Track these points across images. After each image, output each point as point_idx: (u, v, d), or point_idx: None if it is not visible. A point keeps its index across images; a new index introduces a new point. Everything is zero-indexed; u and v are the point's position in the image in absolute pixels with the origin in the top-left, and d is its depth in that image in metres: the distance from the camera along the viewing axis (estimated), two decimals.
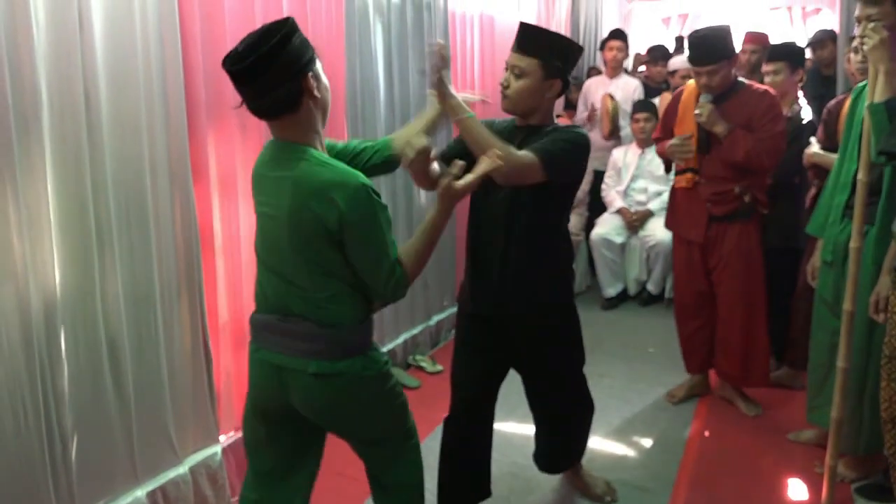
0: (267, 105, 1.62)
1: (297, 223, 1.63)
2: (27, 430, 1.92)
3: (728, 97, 3.01)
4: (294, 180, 1.62)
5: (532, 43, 2.06)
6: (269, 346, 1.74)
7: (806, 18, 8.78)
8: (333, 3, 3.09)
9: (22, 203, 1.88)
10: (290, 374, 1.71)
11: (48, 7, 1.95)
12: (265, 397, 1.79)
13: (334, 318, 1.69)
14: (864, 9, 2.37)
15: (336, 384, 1.70)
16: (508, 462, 2.86)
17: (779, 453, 2.96)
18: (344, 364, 1.69)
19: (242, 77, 1.57)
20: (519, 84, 2.08)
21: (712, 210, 3.11)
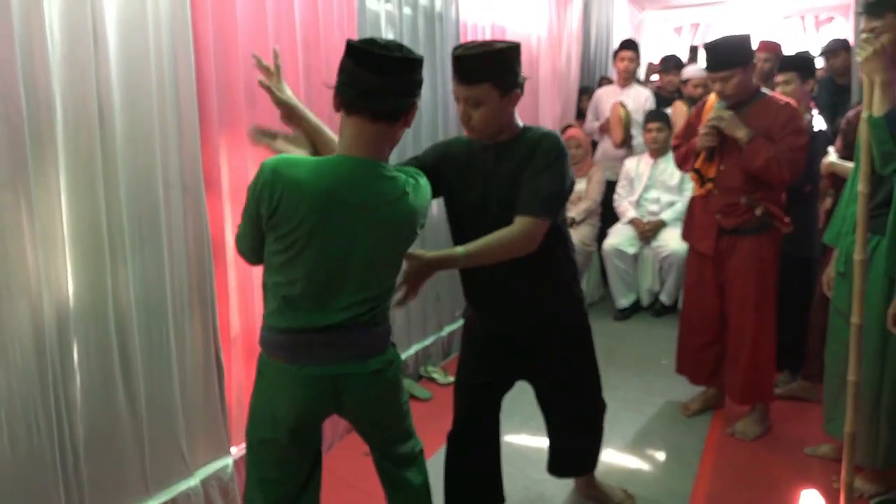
0: (386, 104, 1.65)
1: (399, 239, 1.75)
2: (39, 441, 1.92)
3: (747, 106, 2.97)
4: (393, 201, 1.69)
5: (474, 70, 1.93)
6: (320, 360, 1.72)
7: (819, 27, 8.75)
8: (346, 16, 3.10)
9: (36, 215, 1.89)
10: (347, 379, 1.74)
11: (63, 21, 1.96)
12: (312, 413, 1.78)
13: (384, 314, 1.80)
14: (867, 21, 2.38)
15: (387, 374, 1.81)
16: (522, 476, 2.84)
17: (796, 468, 2.92)
18: (389, 353, 1.82)
19: (401, 66, 1.64)
20: (479, 112, 1.97)
21: (722, 222, 3.07)
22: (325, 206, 1.63)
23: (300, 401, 1.74)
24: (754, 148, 2.89)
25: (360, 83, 1.63)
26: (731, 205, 3.03)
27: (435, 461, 2.93)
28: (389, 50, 1.62)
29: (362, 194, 1.66)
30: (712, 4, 8.12)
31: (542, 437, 2.88)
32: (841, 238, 2.65)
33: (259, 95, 2.58)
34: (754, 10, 8.31)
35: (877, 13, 2.36)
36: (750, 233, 3.03)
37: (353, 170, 1.67)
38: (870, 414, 2.53)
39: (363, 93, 1.64)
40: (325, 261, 1.68)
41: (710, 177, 3.08)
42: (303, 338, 1.72)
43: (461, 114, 2.01)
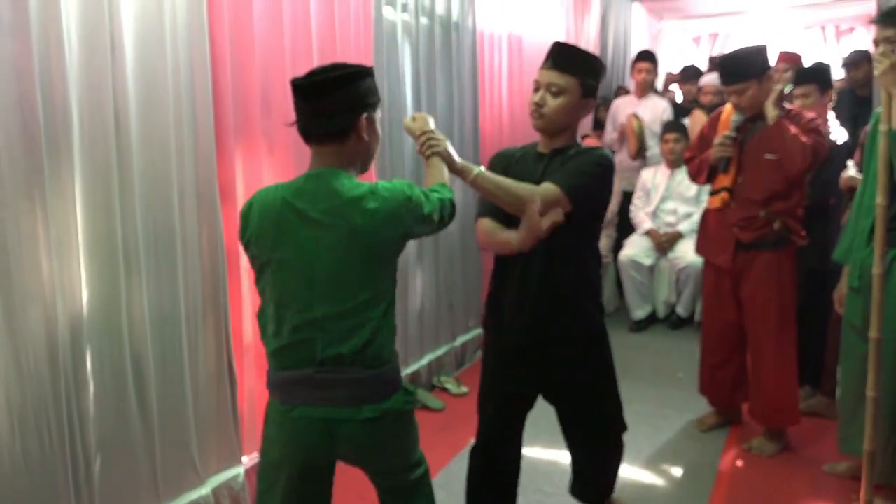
0: (318, 127, 1.66)
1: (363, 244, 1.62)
2: (51, 449, 1.93)
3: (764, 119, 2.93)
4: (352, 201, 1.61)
5: (570, 61, 2.03)
6: (311, 401, 1.65)
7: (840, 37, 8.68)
8: (362, 25, 3.10)
9: (51, 223, 1.90)
10: (340, 424, 1.65)
11: (80, 29, 1.98)
12: (311, 456, 1.69)
13: (379, 354, 1.66)
14: (881, 31, 2.34)
15: (384, 424, 1.68)
16: (534, 489, 2.81)
17: (814, 485, 2.87)
18: (388, 403, 1.68)
19: (309, 91, 1.63)
20: (557, 102, 2.03)
21: (740, 236, 3.01)
22: (279, 217, 1.64)
23: (297, 444, 1.68)
24: (781, 126, 2.85)
25: (299, 112, 1.67)
26: (749, 218, 2.98)
27: (447, 473, 2.93)
28: (312, 75, 1.64)
29: (318, 200, 1.63)
30: (731, 15, 8.07)
31: (554, 450, 2.85)
32: (853, 253, 2.61)
33: (274, 105, 2.60)
34: (774, 20, 8.25)
35: (892, 22, 2.32)
36: (768, 247, 2.99)
37: (307, 181, 1.67)
38: (888, 431, 2.49)
39: (302, 121, 1.67)
40: (291, 277, 1.64)
41: (726, 186, 3.03)
42: (291, 376, 1.67)
43: (537, 100, 2.05)
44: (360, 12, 3.09)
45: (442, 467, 2.99)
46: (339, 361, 1.63)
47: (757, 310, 3.03)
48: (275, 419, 1.72)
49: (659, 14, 8.07)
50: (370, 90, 1.69)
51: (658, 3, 7.50)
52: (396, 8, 3.48)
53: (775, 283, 2.99)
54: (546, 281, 2.09)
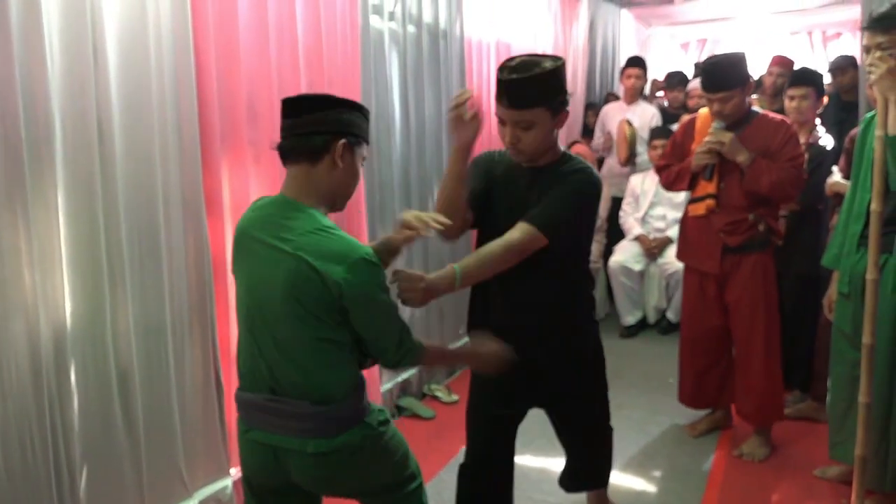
0: (293, 144, 1.64)
1: (298, 290, 1.56)
2: (35, 464, 1.90)
3: (742, 126, 2.93)
4: (295, 246, 1.56)
5: (529, 96, 1.86)
6: (262, 426, 1.66)
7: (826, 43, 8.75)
8: (349, 33, 3.10)
9: (34, 234, 1.88)
10: (288, 453, 1.64)
11: (62, 37, 1.96)
12: (263, 477, 1.71)
13: (327, 391, 1.62)
14: (872, 37, 2.33)
15: (335, 459, 1.64)
16: (525, 497, 2.79)
17: (804, 490, 2.87)
18: (341, 439, 1.63)
19: (291, 107, 1.63)
20: (531, 135, 1.91)
21: (727, 240, 3.00)
22: (240, 241, 1.69)
23: (248, 461, 1.72)
24: (756, 171, 2.86)
25: (282, 131, 1.67)
26: (736, 222, 2.98)
27: (437, 482, 2.91)
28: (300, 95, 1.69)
29: (264, 229, 1.62)
30: (719, 21, 8.11)
31: (544, 458, 2.84)
32: (842, 259, 2.61)
33: (261, 113, 2.59)
34: (761, 26, 8.30)
35: (884, 28, 2.31)
36: (755, 249, 2.99)
37: (270, 206, 1.67)
38: (879, 436, 2.48)
39: (283, 139, 1.66)
40: (242, 299, 1.68)
41: (711, 193, 3.02)
42: (246, 398, 1.69)
43: (509, 137, 1.92)
44: (347, 21, 3.08)
45: (433, 476, 2.97)
46: (284, 393, 1.63)
47: (745, 312, 3.04)
48: (239, 436, 1.75)
49: (647, 21, 8.10)
50: (355, 123, 1.66)
51: (646, 10, 7.53)
52: (383, 16, 3.48)
53: (762, 284, 3.01)
54: (529, 303, 2.05)
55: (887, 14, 2.33)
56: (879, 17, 2.35)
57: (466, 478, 2.26)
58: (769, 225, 2.98)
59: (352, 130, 1.66)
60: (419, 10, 3.75)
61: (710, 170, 3.00)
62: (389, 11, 3.53)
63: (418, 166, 3.80)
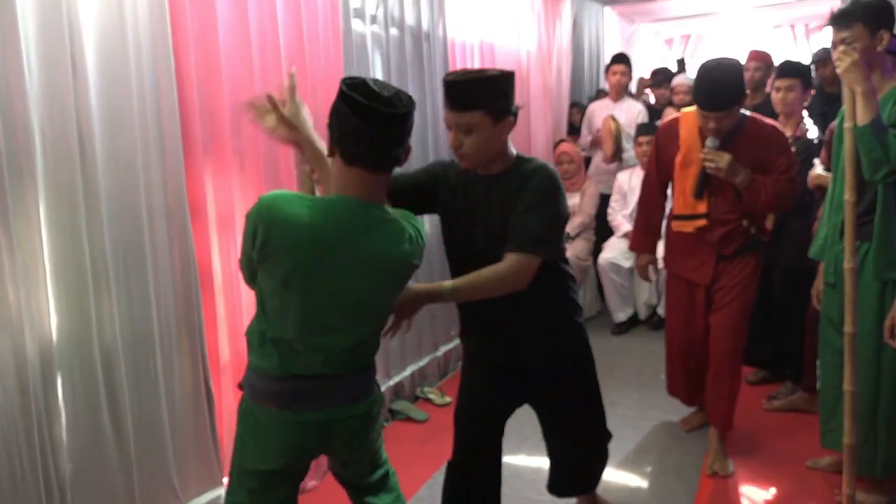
0: (394, 154, 1.66)
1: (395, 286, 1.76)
2: (24, 481, 1.89)
3: (734, 136, 2.78)
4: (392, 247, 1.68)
5: (468, 97, 1.90)
6: (315, 405, 1.72)
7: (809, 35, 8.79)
8: (331, 37, 3.09)
9: (16, 250, 1.87)
10: (339, 422, 1.76)
11: (40, 49, 1.95)
12: (304, 456, 1.80)
13: (368, 360, 1.81)
14: (837, 33, 2.38)
15: (372, 415, 1.82)
16: (519, 497, 2.79)
17: (797, 481, 2.88)
18: (374, 394, 1.84)
19: (400, 120, 1.63)
20: (471, 140, 1.93)
21: (722, 251, 2.90)
22: (318, 246, 1.61)
23: (293, 446, 1.74)
24: (755, 191, 2.76)
25: (366, 140, 1.61)
26: (729, 232, 2.88)
27: (432, 484, 2.90)
28: (393, 106, 1.60)
29: (358, 237, 1.63)
30: (703, 16, 8.14)
31: (538, 457, 2.84)
32: (827, 249, 2.64)
33: (244, 121, 2.58)
34: (744, 20, 8.34)
35: (845, 24, 2.36)
36: (747, 252, 2.92)
37: (352, 212, 1.64)
38: (867, 424, 2.51)
39: (369, 149, 1.62)
40: (316, 303, 1.65)
41: (701, 213, 2.88)
42: (297, 384, 1.70)
43: (452, 141, 1.97)
44: (329, 25, 3.07)
45: (427, 479, 2.97)
46: (342, 367, 1.73)
47: (724, 315, 2.95)
48: (264, 424, 1.72)
49: (630, 18, 8.13)
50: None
51: (629, 7, 7.55)
52: (365, 20, 3.47)
53: (744, 288, 2.93)
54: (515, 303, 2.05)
55: (847, 10, 2.37)
56: (841, 14, 2.38)
57: (453, 474, 2.28)
58: (759, 226, 2.94)
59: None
60: (401, 12, 3.74)
61: (700, 187, 2.86)
62: (371, 15, 3.52)
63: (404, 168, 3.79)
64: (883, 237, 2.40)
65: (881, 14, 2.36)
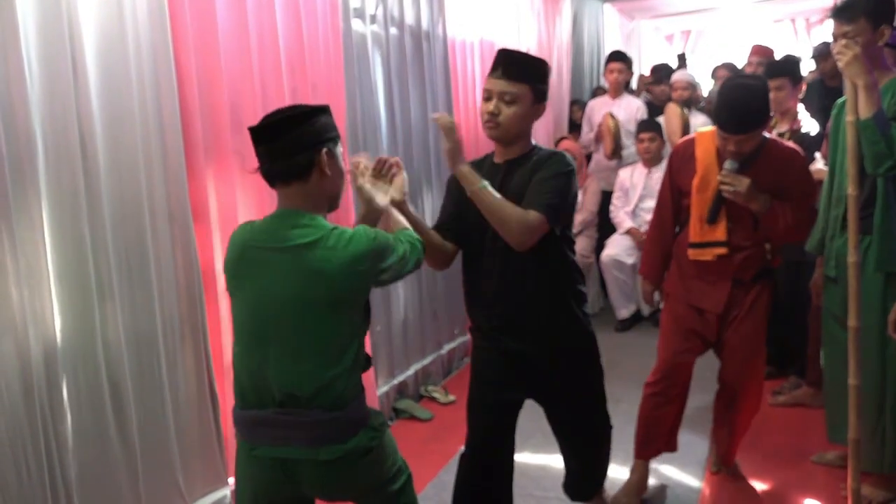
0: (279, 169, 1.66)
1: (318, 287, 1.61)
2: (30, 482, 1.89)
3: (754, 158, 2.54)
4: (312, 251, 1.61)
5: (520, 69, 2.03)
6: (270, 441, 1.65)
7: (810, 30, 8.78)
8: (331, 38, 3.09)
9: (20, 252, 1.87)
10: (299, 464, 1.65)
11: (41, 53, 1.96)
12: (273, 493, 1.71)
13: (342, 396, 1.65)
14: (839, 27, 2.37)
15: (347, 463, 1.66)
16: (525, 494, 2.79)
17: (803, 476, 2.88)
18: (353, 442, 1.66)
19: (263, 134, 1.64)
20: (512, 110, 2.03)
21: (741, 276, 2.64)
22: (242, 255, 1.68)
23: (253, 479, 1.70)
24: (773, 217, 2.53)
25: (260, 157, 1.68)
26: (748, 258, 2.63)
27: (436, 483, 2.91)
28: (266, 118, 1.67)
29: (273, 239, 1.65)
30: (703, 11, 8.14)
31: (543, 454, 2.84)
32: (827, 243, 2.63)
33: (245, 122, 2.58)
34: (744, 15, 8.33)
35: (848, 18, 2.35)
36: (763, 277, 2.68)
37: (272, 220, 1.69)
38: (874, 418, 2.50)
39: (265, 165, 1.68)
40: (248, 313, 1.67)
41: (721, 241, 2.61)
42: (251, 415, 1.68)
43: (491, 109, 2.03)
44: (329, 25, 3.07)
45: (431, 478, 2.97)
46: (296, 404, 1.63)
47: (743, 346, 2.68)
48: (239, 456, 1.74)
49: (630, 14, 8.12)
50: (327, 126, 1.69)
51: (629, 3, 7.55)
52: (365, 20, 3.48)
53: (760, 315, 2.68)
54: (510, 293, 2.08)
55: (850, 4, 2.36)
56: (844, 7, 2.37)
57: (466, 466, 2.28)
58: (774, 249, 2.71)
59: (328, 136, 1.68)
60: (401, 12, 3.75)
61: (714, 212, 2.60)
62: (371, 14, 3.52)
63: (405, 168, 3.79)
64: (883, 229, 2.40)
65: (883, 8, 2.36)
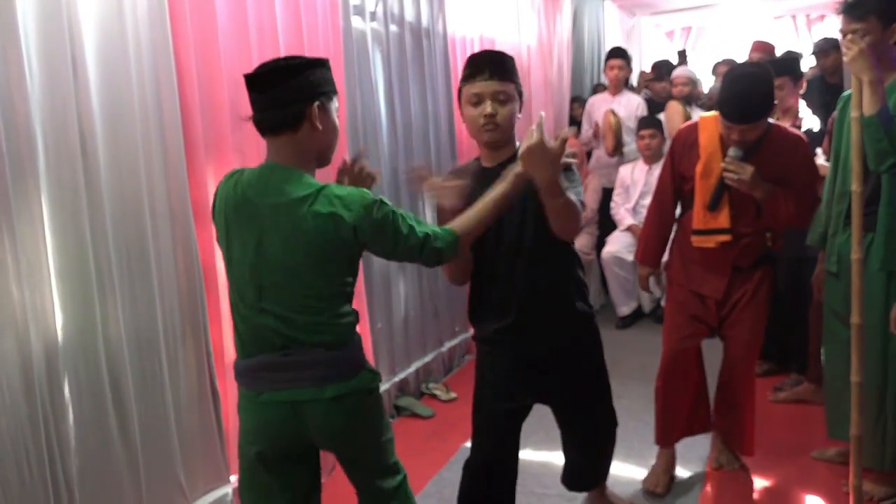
0: (270, 118, 1.67)
1: (320, 243, 1.64)
2: (31, 480, 1.89)
3: (758, 145, 2.53)
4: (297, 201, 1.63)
5: (504, 68, 2.03)
6: (275, 385, 1.70)
7: (811, 26, 8.76)
8: (331, 35, 3.09)
9: (20, 251, 1.87)
10: (305, 405, 1.69)
11: (40, 50, 1.95)
12: (279, 439, 1.73)
13: (340, 336, 1.71)
14: (848, 24, 2.36)
15: (352, 402, 1.73)
16: (526, 492, 2.79)
17: (804, 472, 2.88)
18: (356, 381, 1.73)
19: (258, 83, 1.66)
20: (507, 109, 2.01)
21: (740, 262, 2.68)
22: (235, 207, 1.70)
23: (260, 426, 1.74)
24: (774, 204, 2.54)
25: (253, 106, 1.70)
26: (748, 245, 2.66)
27: (438, 480, 2.91)
28: (262, 66, 1.68)
29: (267, 194, 1.66)
30: (703, 8, 8.12)
31: (544, 452, 2.85)
32: (829, 238, 2.63)
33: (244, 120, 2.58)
34: (745, 11, 8.32)
35: (858, 15, 2.33)
36: (763, 263, 2.71)
37: (261, 172, 1.70)
38: (875, 415, 2.50)
39: (257, 114, 1.70)
40: (242, 266, 1.70)
41: (724, 228, 2.62)
42: (253, 363, 1.72)
43: (488, 112, 1.99)
44: (328, 23, 3.07)
45: (433, 475, 2.97)
46: (299, 345, 1.68)
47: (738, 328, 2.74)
48: (244, 407, 1.77)
49: (631, 11, 8.11)
50: (322, 80, 1.69)
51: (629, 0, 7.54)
52: (365, 17, 3.47)
53: (761, 302, 2.72)
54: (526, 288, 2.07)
55: (861, 1, 2.34)
56: (855, 4, 2.36)
57: (473, 475, 2.26)
58: (775, 237, 2.73)
59: (322, 90, 1.69)
60: (401, 9, 3.74)
61: (716, 199, 2.61)
62: (371, 12, 3.52)
63: (406, 165, 3.79)
64: (888, 227, 2.39)
65: (894, 6, 2.33)
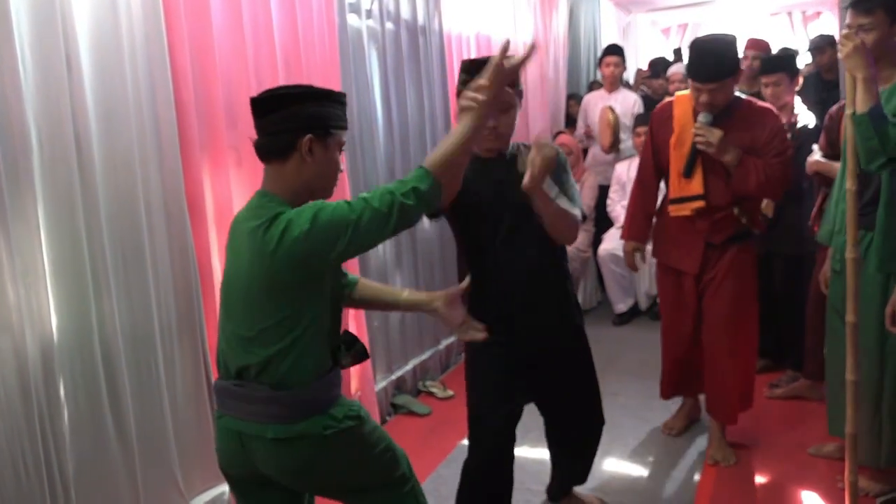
0: (260, 144, 1.67)
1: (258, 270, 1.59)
2: (28, 480, 1.89)
3: (728, 115, 2.70)
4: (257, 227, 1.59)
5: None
6: (230, 411, 1.68)
7: (806, 23, 8.77)
8: (327, 34, 3.08)
9: (15, 250, 1.86)
10: (251, 439, 1.65)
11: (34, 48, 1.94)
12: (234, 466, 1.71)
13: (287, 377, 1.62)
14: (855, 18, 2.34)
15: (298, 447, 1.63)
16: (522, 489, 2.79)
17: (800, 469, 2.89)
18: (303, 426, 1.62)
19: (256, 107, 1.66)
20: (507, 118, 2.01)
21: (711, 238, 2.83)
22: (230, 233, 1.71)
23: (219, 450, 1.74)
24: (744, 171, 2.68)
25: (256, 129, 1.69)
26: (719, 219, 2.81)
27: (435, 477, 2.91)
28: (265, 91, 1.69)
29: (248, 218, 1.65)
30: (699, 5, 8.14)
31: (542, 448, 2.84)
32: (834, 236, 2.63)
33: (240, 117, 2.58)
34: (741, 8, 8.33)
35: (866, 9, 2.32)
36: (736, 242, 2.85)
37: (254, 198, 1.70)
38: (871, 412, 2.50)
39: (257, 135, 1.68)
40: (222, 287, 1.71)
41: (698, 194, 2.78)
42: (218, 385, 1.72)
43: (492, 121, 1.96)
44: (324, 20, 3.06)
45: (430, 472, 2.97)
46: (245, 377, 1.65)
47: (716, 303, 2.88)
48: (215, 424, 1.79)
49: (626, 8, 8.12)
50: (325, 114, 1.64)
51: None
52: (361, 15, 3.47)
53: (738, 277, 2.85)
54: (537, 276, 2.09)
55: None
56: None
57: (472, 477, 2.26)
58: (752, 218, 2.85)
59: (319, 124, 1.63)
60: (397, 6, 3.74)
61: (689, 166, 2.77)
62: (367, 9, 3.51)
63: (402, 163, 3.79)
64: (886, 228, 2.37)
65: None
